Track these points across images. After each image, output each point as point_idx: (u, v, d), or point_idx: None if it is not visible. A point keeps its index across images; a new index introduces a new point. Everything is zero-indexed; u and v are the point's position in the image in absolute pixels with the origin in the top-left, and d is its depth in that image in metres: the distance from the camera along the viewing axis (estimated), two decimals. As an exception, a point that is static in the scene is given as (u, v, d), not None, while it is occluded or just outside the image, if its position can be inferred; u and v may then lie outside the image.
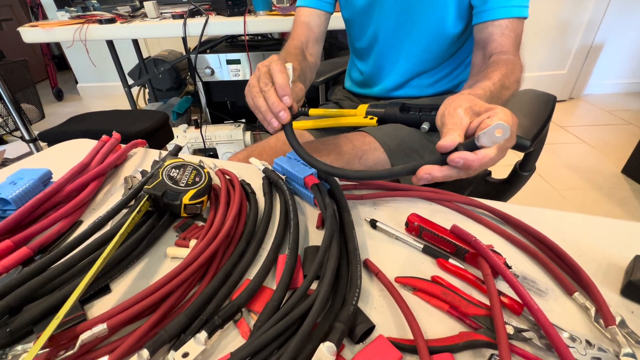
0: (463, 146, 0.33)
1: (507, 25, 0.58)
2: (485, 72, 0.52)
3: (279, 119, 0.41)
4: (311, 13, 0.75)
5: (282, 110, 0.41)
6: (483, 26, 0.59)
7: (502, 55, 0.56)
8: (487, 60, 0.58)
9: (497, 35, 0.58)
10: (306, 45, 0.73)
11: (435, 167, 0.35)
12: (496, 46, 0.58)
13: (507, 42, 0.57)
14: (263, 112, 0.43)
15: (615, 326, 0.30)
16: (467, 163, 0.33)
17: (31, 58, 2.70)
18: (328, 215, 0.40)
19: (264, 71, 0.44)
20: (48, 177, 0.51)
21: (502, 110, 0.34)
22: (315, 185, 0.45)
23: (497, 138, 0.32)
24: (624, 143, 1.87)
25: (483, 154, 0.32)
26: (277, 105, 0.41)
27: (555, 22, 2.22)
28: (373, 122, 0.69)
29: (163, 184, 0.43)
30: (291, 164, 0.49)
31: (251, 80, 0.46)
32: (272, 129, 0.43)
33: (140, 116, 1.17)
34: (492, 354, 0.29)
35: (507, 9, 0.57)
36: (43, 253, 0.40)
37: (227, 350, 0.30)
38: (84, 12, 1.53)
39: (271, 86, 0.43)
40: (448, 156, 0.34)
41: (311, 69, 0.71)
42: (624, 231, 0.42)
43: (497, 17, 0.58)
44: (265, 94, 0.42)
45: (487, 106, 0.36)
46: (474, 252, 0.37)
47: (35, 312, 0.30)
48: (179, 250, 0.40)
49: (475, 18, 0.61)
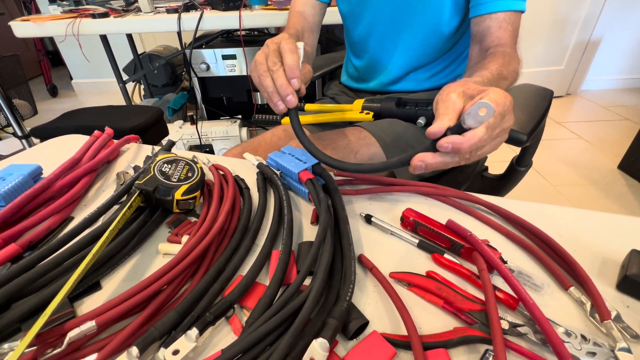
0: (451, 130, 0.33)
1: (505, 18, 0.57)
2: (482, 63, 0.52)
3: (286, 103, 0.39)
4: (306, 2, 0.74)
5: (290, 94, 0.39)
6: (480, 19, 0.59)
7: (499, 47, 0.55)
8: (484, 53, 0.57)
9: (494, 29, 0.57)
10: (302, 34, 0.71)
11: (428, 154, 0.34)
12: (493, 39, 0.57)
13: (505, 35, 0.57)
14: (270, 93, 0.41)
15: (610, 321, 0.29)
16: (456, 146, 0.32)
17: (25, 54, 2.67)
18: (322, 210, 0.39)
19: (273, 49, 0.42)
20: (38, 173, 0.50)
21: (493, 90, 0.33)
22: (309, 180, 0.44)
23: (482, 117, 0.31)
24: (621, 139, 1.87)
25: (470, 135, 0.31)
26: (285, 87, 0.39)
27: (552, 18, 2.21)
28: (369, 117, 0.68)
29: (155, 179, 0.42)
30: (285, 159, 0.48)
31: (258, 56, 0.43)
32: (277, 111, 0.41)
33: (135, 112, 1.16)
34: (486, 349, 0.29)
35: (505, 2, 0.56)
36: (32, 250, 0.40)
37: (218, 347, 0.29)
38: (77, 6, 1.51)
39: (280, 66, 0.41)
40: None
41: (308, 57, 0.70)
42: (619, 226, 0.42)
43: (495, 10, 0.57)
44: (273, 74, 0.40)
45: (481, 88, 0.35)
46: (470, 247, 0.36)
47: (23, 309, 0.30)
48: (171, 246, 0.40)
49: (472, 11, 0.60)
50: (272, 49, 0.42)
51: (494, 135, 0.34)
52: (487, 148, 0.34)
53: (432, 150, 0.34)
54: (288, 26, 0.72)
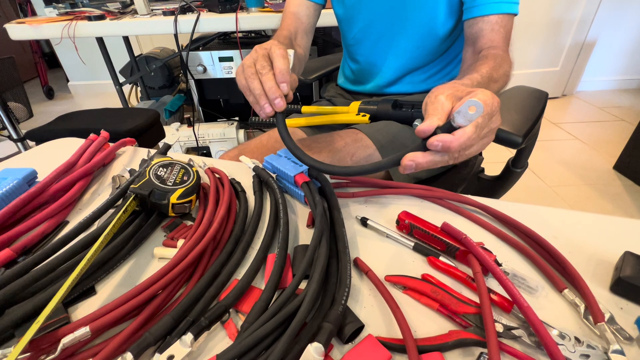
0: (440, 129, 0.33)
1: (497, 21, 0.57)
2: (473, 65, 0.52)
3: (274, 106, 0.39)
4: (300, 3, 0.73)
5: (279, 97, 0.39)
6: (473, 22, 0.59)
7: (491, 50, 0.56)
8: (476, 56, 0.57)
9: (487, 31, 0.58)
10: (295, 36, 0.71)
11: (419, 153, 0.34)
12: (486, 42, 0.58)
13: (497, 37, 0.57)
14: (256, 96, 0.41)
15: (604, 323, 0.29)
16: (446, 144, 0.32)
17: (21, 56, 2.66)
18: (318, 213, 0.39)
19: (262, 54, 0.42)
20: (33, 177, 0.50)
21: (481, 91, 0.34)
22: (305, 183, 0.45)
23: (471, 115, 0.31)
24: (616, 139, 1.89)
25: (460, 134, 0.32)
26: (274, 90, 0.39)
27: (548, 19, 2.23)
28: (365, 120, 0.68)
29: (150, 183, 0.42)
30: (281, 162, 0.48)
31: (246, 60, 0.43)
32: (264, 114, 0.41)
33: (131, 114, 1.15)
34: (481, 352, 0.29)
35: (497, 5, 0.57)
36: (27, 255, 0.39)
37: (213, 352, 0.29)
38: (73, 9, 1.51)
39: (269, 69, 0.41)
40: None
41: (300, 60, 0.69)
42: (613, 227, 0.42)
43: (487, 13, 0.57)
44: (262, 77, 0.40)
45: (469, 90, 0.35)
46: (465, 250, 0.37)
47: (17, 315, 0.30)
48: (166, 250, 0.39)
49: (466, 14, 0.60)
50: (260, 54, 0.43)
51: (482, 135, 0.34)
52: (475, 147, 0.35)
53: (423, 149, 0.35)
54: (281, 27, 0.72)
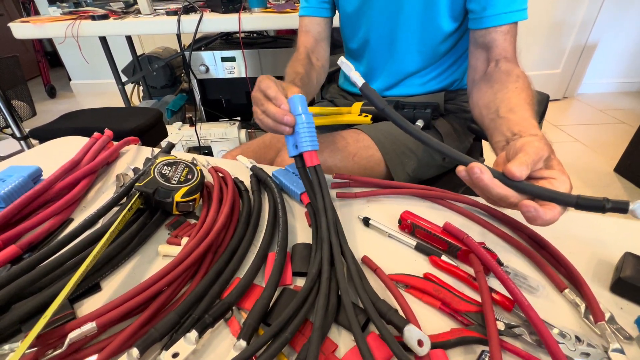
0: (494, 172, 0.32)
1: (509, 30, 0.58)
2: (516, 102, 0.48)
3: (288, 124, 0.44)
4: (311, 21, 0.77)
5: (284, 115, 0.43)
6: (485, 32, 0.59)
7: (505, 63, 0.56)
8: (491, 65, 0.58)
9: (499, 41, 0.58)
10: (312, 50, 0.77)
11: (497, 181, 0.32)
12: (500, 52, 0.58)
13: (510, 47, 0.58)
14: (272, 127, 0.45)
15: (604, 322, 0.30)
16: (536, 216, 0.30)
17: (23, 55, 2.66)
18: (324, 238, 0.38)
19: (257, 96, 0.48)
20: (38, 175, 0.50)
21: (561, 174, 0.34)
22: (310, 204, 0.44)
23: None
24: (617, 142, 1.89)
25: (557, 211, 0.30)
26: (279, 114, 0.44)
27: (549, 22, 2.23)
28: (367, 120, 0.69)
29: (155, 181, 0.43)
30: (289, 177, 0.49)
31: (253, 108, 0.50)
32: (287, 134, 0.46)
33: (134, 113, 1.16)
34: (483, 350, 0.29)
35: (509, 15, 0.57)
36: (32, 251, 0.40)
37: (217, 349, 0.30)
38: (76, 8, 1.51)
39: (266, 101, 0.46)
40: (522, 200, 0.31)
41: (318, 72, 0.75)
42: (614, 228, 0.42)
43: (500, 23, 0.57)
44: (266, 112, 0.45)
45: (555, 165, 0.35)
46: (466, 250, 0.37)
47: (24, 310, 0.30)
48: (170, 248, 0.40)
49: (476, 23, 0.60)
50: (257, 97, 0.48)
51: None
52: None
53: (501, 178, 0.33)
54: (298, 45, 0.78)
